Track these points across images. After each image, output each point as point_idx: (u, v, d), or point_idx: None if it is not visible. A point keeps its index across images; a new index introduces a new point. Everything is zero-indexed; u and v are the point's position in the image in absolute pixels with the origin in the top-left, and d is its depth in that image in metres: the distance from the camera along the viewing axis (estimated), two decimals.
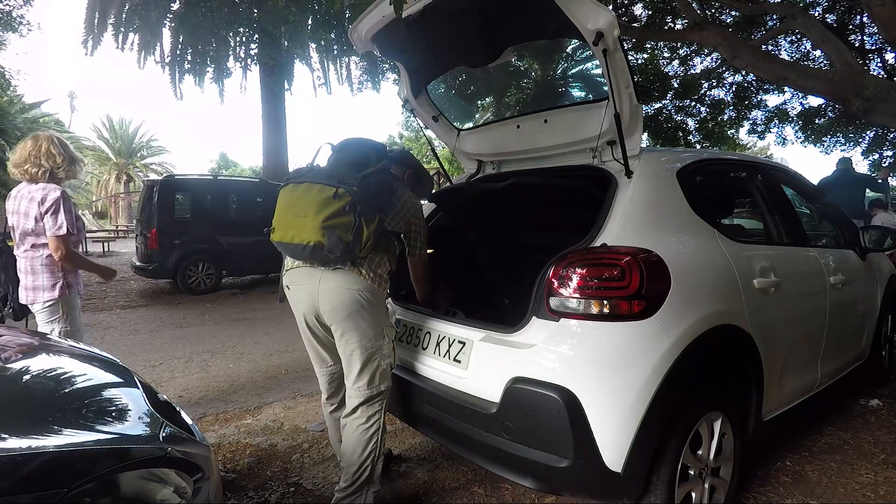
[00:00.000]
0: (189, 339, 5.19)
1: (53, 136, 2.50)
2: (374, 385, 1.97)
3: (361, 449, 1.96)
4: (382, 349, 1.97)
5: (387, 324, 2.02)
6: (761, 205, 2.61)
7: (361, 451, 1.96)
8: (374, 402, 1.99)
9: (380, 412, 2.01)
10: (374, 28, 2.31)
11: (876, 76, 7.33)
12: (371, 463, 1.98)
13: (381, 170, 1.96)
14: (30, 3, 11.02)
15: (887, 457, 2.61)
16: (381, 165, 1.97)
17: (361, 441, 1.97)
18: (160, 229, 7.66)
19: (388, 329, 2.02)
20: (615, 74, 1.83)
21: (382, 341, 1.97)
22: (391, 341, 2.02)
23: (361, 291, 1.88)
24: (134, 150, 33.48)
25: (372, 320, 1.92)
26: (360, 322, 1.90)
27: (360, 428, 1.97)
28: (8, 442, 1.01)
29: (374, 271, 1.92)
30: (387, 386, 2.02)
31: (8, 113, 14.16)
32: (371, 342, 1.93)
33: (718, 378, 2.00)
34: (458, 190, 2.77)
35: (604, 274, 1.68)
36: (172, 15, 7.76)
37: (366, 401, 1.98)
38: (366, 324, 1.91)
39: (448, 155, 14.39)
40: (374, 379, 1.97)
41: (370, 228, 1.81)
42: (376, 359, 1.96)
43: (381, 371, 1.98)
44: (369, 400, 1.98)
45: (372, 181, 1.88)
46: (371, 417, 1.98)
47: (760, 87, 10.82)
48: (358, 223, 1.77)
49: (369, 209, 1.82)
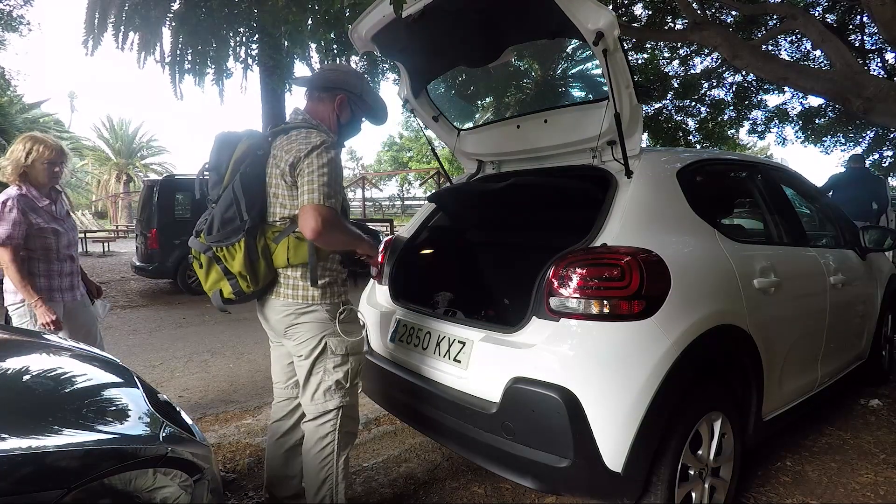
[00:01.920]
0: (189, 339, 5.19)
1: (27, 136, 2.40)
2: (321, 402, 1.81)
3: (315, 475, 1.82)
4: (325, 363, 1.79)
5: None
6: (761, 205, 2.61)
7: (315, 476, 1.81)
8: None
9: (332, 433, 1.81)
10: (374, 28, 2.31)
11: (876, 76, 7.32)
12: (329, 492, 1.80)
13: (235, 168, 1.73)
14: (30, 2, 11.03)
15: (887, 457, 2.61)
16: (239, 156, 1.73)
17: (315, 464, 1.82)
18: (160, 229, 7.66)
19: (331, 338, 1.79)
20: (615, 74, 1.83)
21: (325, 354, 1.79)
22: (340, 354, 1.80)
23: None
24: (134, 150, 33.51)
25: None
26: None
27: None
28: (8, 442, 1.01)
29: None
30: (336, 405, 1.80)
31: (8, 113, 14.16)
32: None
33: (718, 378, 2.00)
34: (458, 190, 2.77)
35: (604, 274, 1.68)
36: (172, 15, 7.75)
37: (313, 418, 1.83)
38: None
39: (448, 155, 14.37)
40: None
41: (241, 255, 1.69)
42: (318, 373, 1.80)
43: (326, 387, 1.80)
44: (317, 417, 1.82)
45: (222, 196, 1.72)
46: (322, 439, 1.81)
47: (760, 87, 10.82)
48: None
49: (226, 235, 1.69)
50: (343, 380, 1.80)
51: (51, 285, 2.39)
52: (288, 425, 2.02)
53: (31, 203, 2.33)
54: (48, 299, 2.35)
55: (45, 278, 2.38)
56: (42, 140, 2.38)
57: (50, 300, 2.37)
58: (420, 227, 2.79)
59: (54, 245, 2.40)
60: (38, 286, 2.34)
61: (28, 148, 2.33)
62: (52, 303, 2.38)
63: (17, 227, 2.26)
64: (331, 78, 1.87)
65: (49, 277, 2.39)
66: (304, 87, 1.90)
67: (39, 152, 2.34)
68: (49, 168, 2.37)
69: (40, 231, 2.34)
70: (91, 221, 19.29)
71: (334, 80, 1.86)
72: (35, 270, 2.36)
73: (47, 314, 2.28)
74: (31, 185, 2.36)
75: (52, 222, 2.39)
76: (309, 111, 1.85)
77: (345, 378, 1.80)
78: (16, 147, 2.35)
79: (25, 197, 2.32)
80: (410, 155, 33.34)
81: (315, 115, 1.84)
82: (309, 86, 1.88)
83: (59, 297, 2.42)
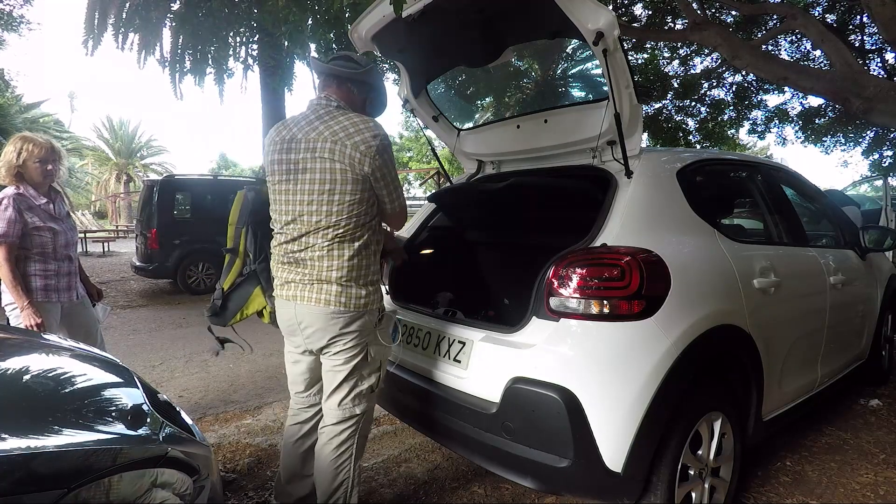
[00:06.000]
0: (189, 339, 5.19)
1: (17, 136, 2.39)
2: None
3: (331, 479, 1.80)
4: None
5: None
6: (761, 205, 2.61)
7: (332, 480, 1.80)
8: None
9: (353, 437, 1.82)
10: (374, 28, 2.31)
11: (876, 76, 7.32)
12: (343, 495, 1.80)
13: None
14: (30, 2, 11.04)
15: (887, 457, 2.61)
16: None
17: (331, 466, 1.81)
18: (160, 229, 7.66)
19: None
20: (615, 74, 1.83)
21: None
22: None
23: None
24: (134, 150, 33.51)
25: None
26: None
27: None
28: (8, 442, 1.00)
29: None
30: (363, 410, 1.82)
31: (7, 113, 14.17)
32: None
33: (718, 378, 2.00)
34: (458, 190, 2.77)
35: (604, 274, 1.68)
36: (173, 15, 7.74)
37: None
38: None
39: (448, 155, 14.39)
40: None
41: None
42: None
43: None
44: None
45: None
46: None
47: (760, 87, 10.82)
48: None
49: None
50: (374, 385, 1.82)
51: (46, 285, 2.37)
52: (307, 429, 1.99)
53: (27, 202, 2.32)
54: (44, 299, 2.34)
55: (40, 278, 2.36)
56: (32, 139, 2.37)
57: (46, 300, 2.36)
58: (420, 227, 2.80)
59: (51, 244, 2.38)
60: (33, 286, 2.33)
61: (18, 148, 2.33)
62: (49, 303, 2.37)
63: (13, 226, 2.25)
64: (365, 80, 1.79)
65: (45, 277, 2.37)
66: (342, 76, 1.77)
67: (30, 151, 2.33)
68: (41, 166, 2.36)
69: (36, 230, 2.33)
70: (91, 221, 19.27)
71: (368, 81, 1.80)
72: (30, 270, 2.35)
73: (32, 317, 2.25)
74: (28, 184, 2.36)
75: (48, 221, 2.37)
76: (342, 98, 1.75)
77: (376, 383, 1.82)
78: (7, 148, 2.35)
79: (22, 196, 2.31)
80: (410, 155, 33.33)
81: (347, 104, 1.77)
82: (346, 76, 1.77)
83: (55, 298, 2.40)
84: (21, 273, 2.31)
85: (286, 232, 1.74)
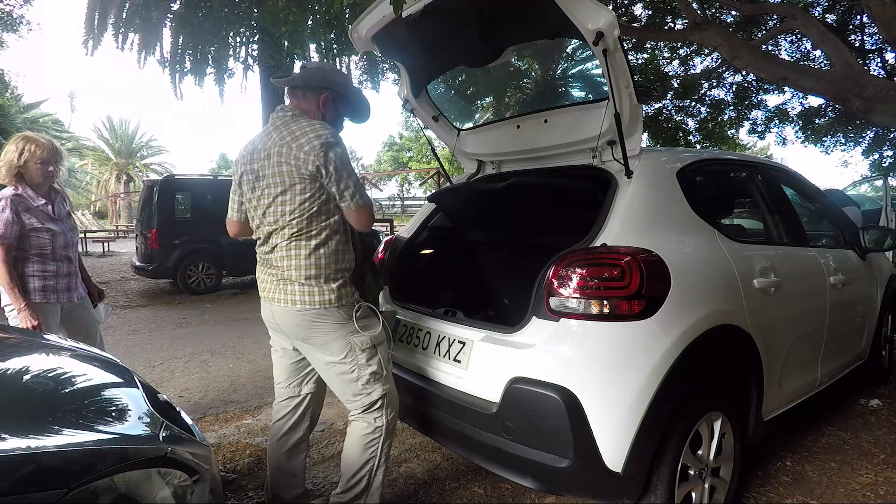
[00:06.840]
0: (189, 339, 5.19)
1: (19, 136, 2.38)
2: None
3: (359, 455, 1.87)
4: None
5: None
6: (761, 205, 2.61)
7: (359, 457, 1.87)
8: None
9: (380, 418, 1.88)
10: (374, 28, 2.31)
11: (876, 76, 7.32)
12: (368, 473, 1.87)
13: None
14: (30, 2, 11.04)
15: (887, 457, 2.61)
16: None
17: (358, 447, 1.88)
18: (160, 229, 7.66)
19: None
20: (615, 74, 1.83)
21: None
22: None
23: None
24: (134, 150, 33.55)
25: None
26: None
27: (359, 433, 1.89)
28: (8, 442, 1.00)
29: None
30: (379, 394, 1.86)
31: (7, 113, 14.18)
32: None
33: (718, 378, 2.00)
34: (458, 190, 2.77)
35: (604, 274, 1.68)
36: (173, 15, 7.74)
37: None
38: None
39: (448, 155, 14.39)
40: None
41: None
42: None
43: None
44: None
45: None
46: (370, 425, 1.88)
47: (760, 87, 10.82)
48: None
49: None
50: (378, 370, 1.84)
51: (45, 286, 2.36)
52: (289, 424, 2.03)
53: (25, 203, 2.31)
54: (42, 300, 2.34)
55: (39, 279, 2.35)
56: (34, 139, 2.36)
57: (45, 301, 2.35)
58: (420, 227, 2.80)
59: (50, 245, 2.37)
60: (31, 287, 2.32)
61: (20, 148, 2.32)
62: (48, 304, 2.36)
63: (10, 227, 2.24)
64: (315, 76, 1.86)
65: (44, 278, 2.36)
66: (288, 85, 1.89)
67: (31, 152, 2.32)
68: (42, 167, 2.35)
69: (35, 231, 2.32)
70: (91, 221, 19.29)
71: (319, 78, 1.86)
72: (29, 271, 2.33)
73: (29, 319, 2.25)
74: (28, 185, 2.35)
75: (47, 222, 2.36)
76: (296, 107, 1.84)
77: (379, 368, 1.85)
78: (8, 148, 2.34)
79: (20, 197, 2.30)
80: (410, 155, 33.36)
81: (301, 111, 1.83)
82: (292, 83, 1.88)
83: (54, 299, 2.38)
84: (19, 274, 2.30)
85: (259, 236, 1.87)
